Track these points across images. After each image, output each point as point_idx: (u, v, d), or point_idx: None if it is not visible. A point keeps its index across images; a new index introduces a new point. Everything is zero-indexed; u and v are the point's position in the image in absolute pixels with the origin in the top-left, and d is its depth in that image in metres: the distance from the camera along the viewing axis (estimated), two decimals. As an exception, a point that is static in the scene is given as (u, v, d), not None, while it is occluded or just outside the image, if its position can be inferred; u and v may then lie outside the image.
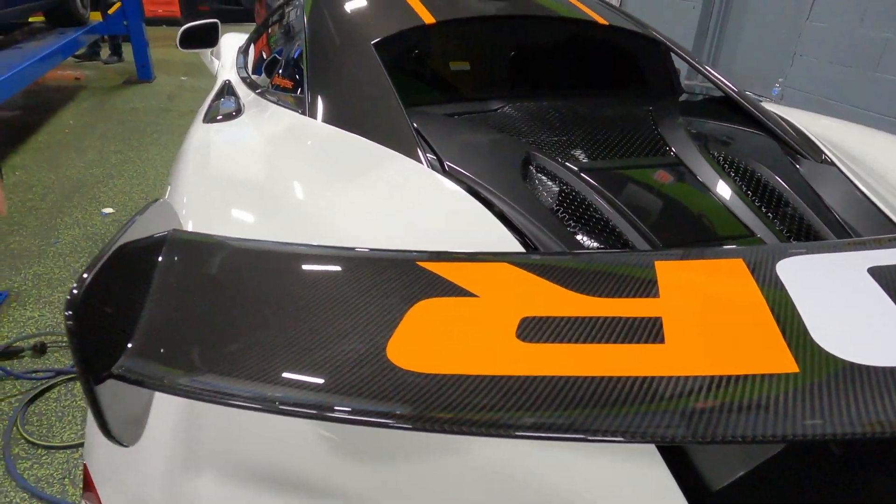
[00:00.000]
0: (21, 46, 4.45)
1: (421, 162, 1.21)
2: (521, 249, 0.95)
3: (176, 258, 0.56)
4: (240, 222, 1.15)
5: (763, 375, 0.45)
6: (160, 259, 0.56)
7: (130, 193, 3.65)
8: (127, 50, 6.70)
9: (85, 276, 0.45)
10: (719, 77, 1.73)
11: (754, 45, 5.29)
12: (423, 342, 0.48)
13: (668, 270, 0.57)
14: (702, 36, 5.61)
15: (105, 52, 7.03)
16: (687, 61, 1.87)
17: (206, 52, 2.97)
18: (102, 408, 0.45)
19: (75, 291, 0.44)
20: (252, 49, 2.69)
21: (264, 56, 2.48)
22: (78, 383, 2.12)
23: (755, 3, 5.22)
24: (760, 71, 5.20)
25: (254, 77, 2.30)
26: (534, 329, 0.49)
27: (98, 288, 0.46)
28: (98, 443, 0.79)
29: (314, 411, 0.43)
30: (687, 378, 0.44)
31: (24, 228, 3.17)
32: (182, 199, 1.24)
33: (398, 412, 0.42)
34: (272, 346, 0.48)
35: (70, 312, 0.43)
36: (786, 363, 0.46)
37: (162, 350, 0.48)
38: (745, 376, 0.45)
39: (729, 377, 0.45)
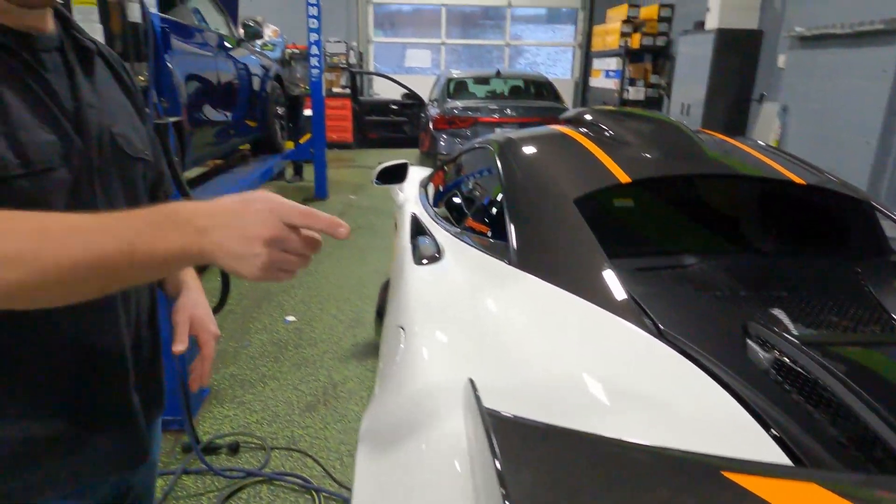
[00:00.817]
0: (233, 171, 5.32)
1: (636, 324, 1.24)
2: (763, 433, 0.94)
3: (510, 443, 0.65)
4: (468, 363, 1.26)
5: None
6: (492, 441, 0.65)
7: (308, 303, 4.05)
8: (306, 169, 7.70)
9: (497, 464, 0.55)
10: None
11: (944, 183, 4.87)
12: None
13: None
14: (878, 172, 5.28)
15: (289, 172, 8.13)
16: (884, 213, 1.79)
17: (394, 186, 3.36)
18: None
19: (504, 493, 0.53)
20: (432, 185, 2.99)
21: (444, 192, 2.76)
22: (264, 486, 2.29)
23: (942, 138, 4.87)
24: (954, 210, 4.72)
25: (437, 211, 2.54)
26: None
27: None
28: None
29: None
30: None
31: (223, 330, 3.62)
32: (416, 332, 1.42)
33: None
34: None
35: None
36: None
37: None
38: None
39: None
